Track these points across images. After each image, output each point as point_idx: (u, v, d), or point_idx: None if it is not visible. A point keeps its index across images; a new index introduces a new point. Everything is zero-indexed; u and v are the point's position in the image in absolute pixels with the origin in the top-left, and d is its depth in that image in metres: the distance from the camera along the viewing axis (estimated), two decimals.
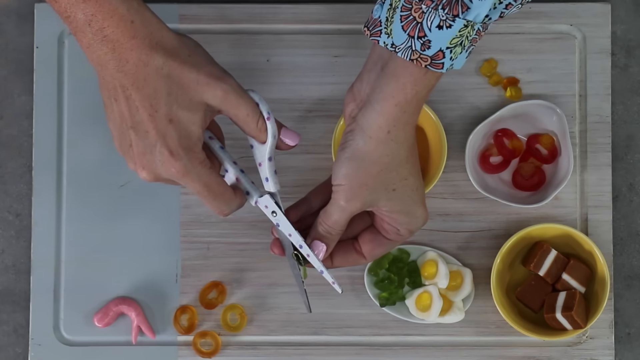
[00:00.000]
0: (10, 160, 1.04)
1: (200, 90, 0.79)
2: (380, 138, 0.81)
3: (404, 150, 0.82)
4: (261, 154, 0.85)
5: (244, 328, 1.01)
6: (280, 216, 0.87)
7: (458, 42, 0.77)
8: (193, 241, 1.02)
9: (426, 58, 0.77)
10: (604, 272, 0.98)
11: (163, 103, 0.78)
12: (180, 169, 0.79)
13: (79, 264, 1.02)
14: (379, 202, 0.84)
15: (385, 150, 0.81)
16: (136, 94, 0.77)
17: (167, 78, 0.78)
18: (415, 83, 0.79)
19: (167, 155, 0.79)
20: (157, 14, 1.02)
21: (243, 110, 0.82)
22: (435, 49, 0.77)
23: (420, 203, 0.86)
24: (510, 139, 1.01)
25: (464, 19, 0.76)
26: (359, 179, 0.82)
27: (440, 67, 0.78)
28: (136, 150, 0.79)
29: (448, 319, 1.00)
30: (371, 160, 0.82)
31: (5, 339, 1.03)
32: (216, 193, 0.82)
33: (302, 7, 1.03)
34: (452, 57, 0.78)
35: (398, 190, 0.84)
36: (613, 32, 1.04)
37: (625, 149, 1.04)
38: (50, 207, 1.02)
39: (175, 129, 0.79)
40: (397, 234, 0.87)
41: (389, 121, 0.80)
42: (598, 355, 1.02)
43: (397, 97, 0.79)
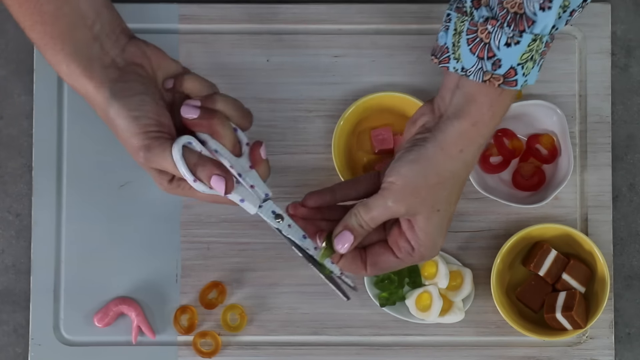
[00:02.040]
0: (10, 160, 1.04)
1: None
2: (452, 154, 0.81)
3: (465, 173, 0.83)
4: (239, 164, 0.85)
5: (244, 328, 1.01)
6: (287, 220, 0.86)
7: (528, 57, 0.77)
8: (193, 241, 1.02)
9: (498, 77, 0.78)
10: (604, 272, 0.98)
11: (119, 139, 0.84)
12: None
13: (79, 264, 1.02)
14: (419, 215, 0.83)
15: (451, 167, 0.81)
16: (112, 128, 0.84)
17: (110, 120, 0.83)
18: (491, 104, 0.79)
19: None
20: (157, 14, 1.03)
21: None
22: (506, 67, 0.77)
23: (444, 236, 0.85)
24: (510, 139, 1.01)
25: (531, 33, 0.76)
26: (415, 184, 0.81)
27: (514, 85, 0.78)
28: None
29: (448, 319, 1.00)
30: (434, 170, 0.81)
31: (5, 339, 1.03)
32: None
33: (302, 7, 1.03)
34: (524, 73, 0.78)
35: (441, 212, 0.83)
36: (613, 32, 1.04)
37: (625, 149, 1.04)
38: (50, 207, 1.02)
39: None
40: (409, 254, 0.85)
41: (464, 140, 0.81)
42: (598, 355, 1.02)
43: (474, 117, 0.80)
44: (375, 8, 1.03)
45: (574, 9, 0.77)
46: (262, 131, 1.02)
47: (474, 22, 0.78)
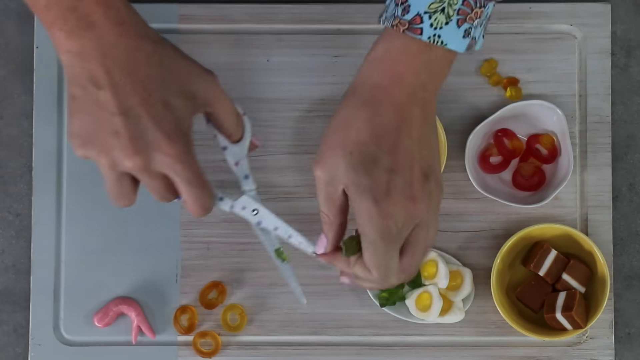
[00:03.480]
0: (10, 160, 1.04)
1: (191, 81, 0.79)
2: (348, 94, 0.79)
3: (367, 112, 0.77)
4: (239, 152, 0.85)
5: (244, 328, 1.01)
6: (263, 211, 0.85)
7: (438, 7, 0.75)
8: (193, 241, 1.02)
9: (404, 22, 0.76)
10: (604, 272, 0.98)
11: (157, 88, 0.77)
12: (177, 152, 0.77)
13: (79, 264, 1.02)
14: (340, 169, 0.77)
15: (347, 104, 0.78)
16: (127, 79, 0.76)
17: (158, 64, 0.77)
18: (386, 40, 0.77)
19: (164, 139, 0.76)
20: (157, 14, 1.03)
21: (228, 105, 0.82)
22: (414, 12, 0.75)
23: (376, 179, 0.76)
24: (510, 139, 1.01)
25: None
26: (324, 137, 0.79)
27: (418, 32, 0.75)
28: (127, 135, 0.76)
29: (448, 319, 1.00)
30: (337, 116, 0.78)
31: (5, 339, 1.03)
32: (204, 183, 0.80)
33: (302, 7, 1.03)
34: (433, 25, 0.75)
35: (354, 154, 0.77)
36: (613, 32, 1.04)
37: (625, 149, 1.04)
38: (50, 207, 1.02)
39: (170, 113, 0.77)
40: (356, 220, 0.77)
41: (359, 78, 0.78)
42: (598, 355, 1.02)
43: (369, 54, 0.78)
44: (375, 8, 1.03)
45: None
46: (262, 131, 1.02)
47: None
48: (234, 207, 0.85)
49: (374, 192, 0.76)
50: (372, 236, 0.77)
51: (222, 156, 1.02)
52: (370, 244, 0.77)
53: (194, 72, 0.79)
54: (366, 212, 0.76)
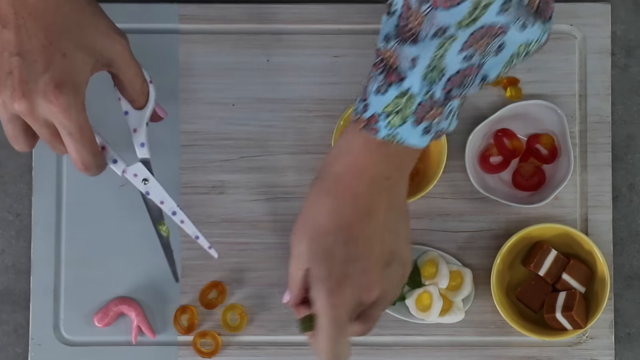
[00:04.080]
0: (10, 160, 1.04)
1: (97, 39, 0.80)
2: (316, 178, 0.82)
3: (330, 201, 0.80)
4: (138, 119, 0.86)
5: (244, 328, 1.01)
6: (153, 182, 0.88)
7: (393, 109, 0.77)
8: (193, 241, 1.02)
9: (363, 120, 0.78)
10: (604, 272, 0.98)
11: (59, 37, 0.78)
12: (62, 102, 0.78)
13: (79, 264, 1.02)
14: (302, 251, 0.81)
15: (315, 190, 0.81)
16: (32, 23, 0.77)
17: (66, 15, 0.78)
18: (348, 132, 0.80)
19: (52, 87, 0.77)
20: (157, 14, 1.03)
21: (133, 70, 0.83)
22: (371, 112, 0.78)
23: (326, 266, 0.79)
24: (510, 139, 1.01)
25: (397, 88, 0.76)
26: (299, 215, 0.81)
27: (374, 132, 0.78)
28: (18, 77, 0.77)
29: (448, 319, 1.00)
30: (307, 197, 0.81)
31: (5, 339, 1.03)
32: (88, 139, 0.81)
33: (302, 7, 1.03)
34: (389, 125, 0.77)
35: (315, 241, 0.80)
36: (613, 32, 1.04)
37: (625, 149, 1.04)
38: (50, 207, 1.02)
39: (67, 64, 0.78)
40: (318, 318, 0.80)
41: (324, 166, 0.81)
42: (598, 355, 1.02)
43: (338, 142, 0.81)
44: (375, 8, 1.03)
45: (451, 77, 0.76)
46: (262, 131, 1.02)
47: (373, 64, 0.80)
48: (126, 172, 0.87)
49: (327, 283, 0.79)
50: (322, 321, 0.79)
51: (223, 156, 1.02)
52: (321, 328, 0.80)
53: (103, 31, 0.81)
54: (319, 302, 0.79)
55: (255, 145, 1.02)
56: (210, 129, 1.02)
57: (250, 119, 1.02)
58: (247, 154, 1.02)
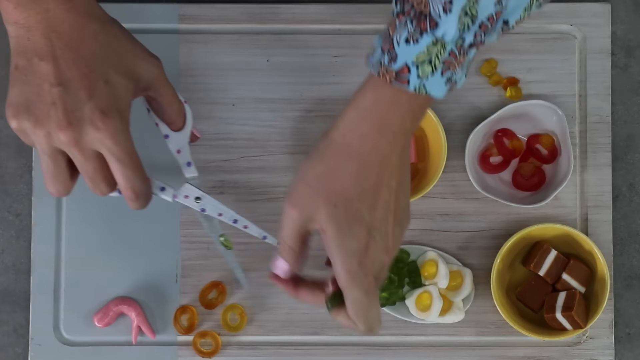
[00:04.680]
0: (10, 160, 1.04)
1: (135, 63, 0.80)
2: (333, 139, 0.77)
3: (355, 166, 0.77)
4: (180, 139, 0.85)
5: (244, 328, 1.01)
6: (207, 198, 0.87)
7: (426, 59, 0.75)
8: (193, 241, 1.02)
9: (391, 72, 0.75)
10: (604, 272, 0.98)
11: (99, 65, 0.78)
12: (110, 127, 0.77)
13: (79, 264, 1.02)
14: (320, 215, 0.77)
15: (333, 153, 0.77)
16: (70, 53, 0.77)
17: (103, 43, 0.78)
18: (375, 90, 0.76)
19: (98, 113, 0.77)
20: (157, 14, 1.03)
21: (170, 91, 0.83)
22: (401, 63, 0.75)
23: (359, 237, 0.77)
24: (510, 139, 1.01)
25: (432, 34, 0.74)
26: (303, 179, 0.77)
27: (405, 83, 0.75)
28: (62, 107, 0.76)
29: (448, 319, 1.00)
30: (319, 160, 0.77)
31: (5, 339, 1.03)
32: (137, 165, 0.80)
33: (302, 7, 1.03)
34: (420, 75, 0.75)
35: (339, 208, 0.77)
36: (613, 32, 1.04)
37: (625, 149, 1.04)
38: (50, 207, 1.02)
39: (109, 91, 0.78)
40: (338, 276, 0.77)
41: (346, 124, 0.77)
42: (598, 355, 1.02)
43: (356, 101, 0.77)
44: (375, 8, 1.03)
45: (483, 22, 0.75)
46: (262, 131, 1.02)
47: (392, 16, 0.76)
48: (177, 197, 0.86)
49: (357, 254, 0.77)
50: (356, 294, 0.77)
51: (223, 156, 1.02)
52: (355, 301, 0.78)
53: (139, 55, 0.81)
54: (349, 273, 0.77)
55: (255, 145, 1.02)
56: (210, 129, 1.02)
57: (250, 119, 1.02)
58: (247, 154, 1.02)
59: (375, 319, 0.79)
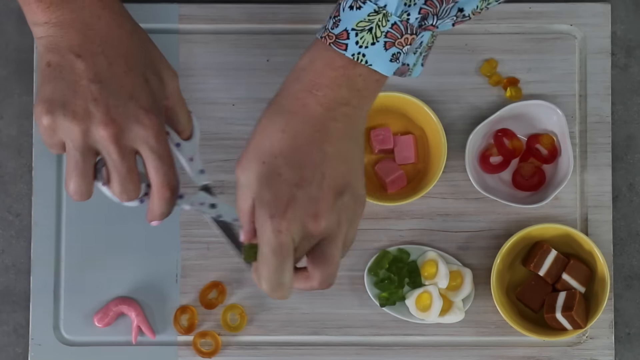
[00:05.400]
0: (10, 160, 1.04)
1: (163, 69, 0.80)
2: (271, 101, 0.78)
3: (282, 121, 0.76)
4: (192, 147, 0.84)
5: (244, 328, 1.01)
6: (221, 205, 0.84)
7: (366, 26, 0.75)
8: (193, 241, 1.02)
9: (332, 36, 0.76)
10: (604, 272, 0.98)
11: (138, 63, 0.78)
12: (156, 124, 0.77)
13: (79, 264, 1.02)
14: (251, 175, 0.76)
15: (268, 111, 0.78)
16: (110, 51, 0.77)
17: (138, 43, 0.79)
18: (312, 51, 0.77)
19: (144, 111, 0.77)
20: (157, 14, 1.03)
21: (183, 101, 0.82)
22: (342, 27, 0.75)
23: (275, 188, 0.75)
24: (510, 139, 1.01)
25: (374, 3, 0.74)
26: (248, 141, 0.78)
27: (342, 48, 0.75)
28: (104, 103, 0.76)
29: (448, 319, 1.00)
30: (258, 121, 0.78)
31: (5, 339, 1.03)
32: (173, 162, 0.79)
33: (302, 7, 1.03)
34: (359, 43, 0.75)
35: (266, 164, 0.76)
36: (613, 32, 1.04)
37: (625, 149, 1.04)
38: (50, 207, 1.02)
39: (150, 89, 0.78)
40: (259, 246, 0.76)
41: (282, 86, 0.78)
42: (598, 355, 1.02)
43: (297, 64, 0.78)
44: None
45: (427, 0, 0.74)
46: None
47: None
48: (193, 204, 0.85)
49: (271, 206, 0.75)
50: (264, 249, 0.76)
51: (223, 156, 1.02)
52: (262, 256, 0.76)
53: (164, 60, 0.81)
54: (261, 226, 0.76)
55: None
56: (210, 129, 1.02)
57: (250, 119, 1.02)
58: None
59: (281, 283, 0.77)
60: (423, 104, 0.99)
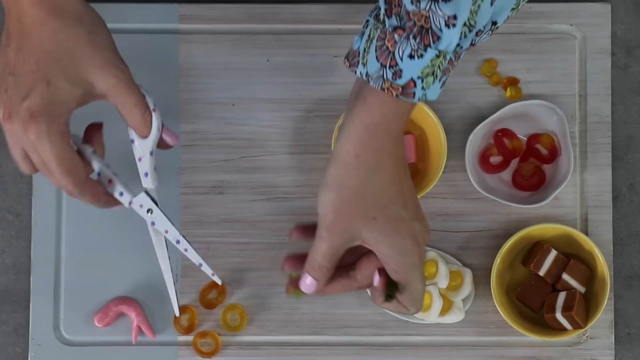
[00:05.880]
0: (10, 160, 1.04)
1: (90, 71, 0.80)
2: (348, 162, 0.80)
3: (380, 177, 0.80)
4: (143, 148, 0.84)
5: (244, 328, 1.01)
6: (157, 212, 0.86)
7: (430, 71, 0.76)
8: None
9: (397, 87, 0.77)
10: (604, 272, 0.98)
11: (47, 65, 0.78)
12: (35, 131, 0.78)
13: (79, 264, 1.02)
14: (360, 232, 0.81)
15: (355, 174, 0.80)
16: (27, 47, 0.78)
17: (60, 44, 0.79)
18: (382, 105, 0.78)
19: (28, 115, 0.78)
20: (157, 14, 1.03)
21: (131, 100, 0.82)
22: (407, 78, 0.77)
23: (407, 235, 0.81)
24: (510, 139, 1.01)
25: (435, 48, 0.75)
26: (334, 206, 0.80)
27: (411, 97, 0.77)
28: (8, 99, 0.79)
29: (448, 319, 1.00)
30: (342, 185, 0.80)
31: (5, 339, 1.03)
32: (67, 169, 0.80)
33: (302, 7, 1.03)
34: (424, 87, 0.77)
35: (378, 219, 0.80)
36: (613, 32, 1.04)
37: (625, 149, 1.04)
38: (50, 207, 1.02)
39: (48, 93, 0.78)
40: (395, 273, 0.83)
41: (356, 144, 0.79)
42: (598, 355, 1.02)
43: (363, 120, 0.79)
44: None
45: (480, 30, 0.76)
46: (262, 131, 1.02)
47: (384, 30, 0.77)
48: (133, 204, 0.85)
49: (414, 250, 0.82)
50: (417, 285, 0.83)
51: (223, 156, 1.02)
52: (415, 291, 0.84)
53: (96, 63, 0.80)
54: (412, 268, 0.82)
55: (255, 145, 1.02)
56: (210, 129, 1.02)
57: (250, 119, 1.02)
58: (247, 154, 1.02)
59: (423, 300, 0.86)
60: (423, 103, 0.99)
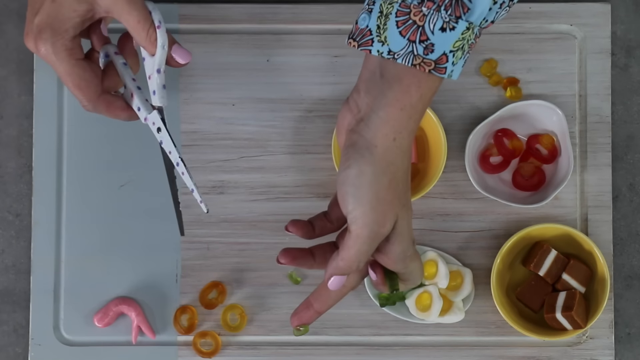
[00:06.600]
0: (10, 160, 1.04)
1: None
2: (387, 146, 0.76)
3: (407, 160, 0.78)
4: (151, 65, 0.84)
5: (244, 328, 1.01)
6: (164, 132, 0.85)
7: (460, 45, 0.74)
8: (193, 241, 1.02)
9: (430, 62, 0.74)
10: (604, 272, 0.98)
11: None
12: (41, 47, 0.81)
13: (79, 264, 1.02)
14: (391, 222, 0.78)
15: (392, 159, 0.77)
16: None
17: None
18: (419, 85, 0.75)
19: (36, 32, 0.81)
20: None
21: (134, 16, 0.81)
22: (439, 52, 0.74)
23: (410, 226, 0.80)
24: (510, 139, 1.01)
25: (466, 20, 0.74)
26: (375, 195, 0.76)
27: (443, 72, 0.75)
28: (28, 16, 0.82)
29: (448, 319, 1.00)
30: (381, 170, 0.76)
31: (5, 339, 1.03)
32: (76, 84, 0.82)
33: (302, 7, 1.03)
34: (453, 62, 0.75)
35: (406, 205, 0.79)
36: (613, 32, 1.04)
37: (625, 149, 1.04)
38: (50, 207, 1.02)
39: (53, 9, 0.80)
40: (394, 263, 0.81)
41: (395, 127, 0.76)
42: (598, 355, 1.02)
43: (402, 101, 0.76)
44: None
45: (503, 1, 0.75)
46: (262, 131, 1.02)
47: (406, 3, 0.74)
48: (147, 120, 0.86)
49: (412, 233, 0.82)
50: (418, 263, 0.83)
51: (223, 156, 1.02)
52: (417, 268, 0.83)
53: None
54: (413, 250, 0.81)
55: (255, 145, 1.02)
56: (210, 129, 1.02)
57: (250, 119, 1.02)
58: (247, 154, 1.02)
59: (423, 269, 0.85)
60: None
